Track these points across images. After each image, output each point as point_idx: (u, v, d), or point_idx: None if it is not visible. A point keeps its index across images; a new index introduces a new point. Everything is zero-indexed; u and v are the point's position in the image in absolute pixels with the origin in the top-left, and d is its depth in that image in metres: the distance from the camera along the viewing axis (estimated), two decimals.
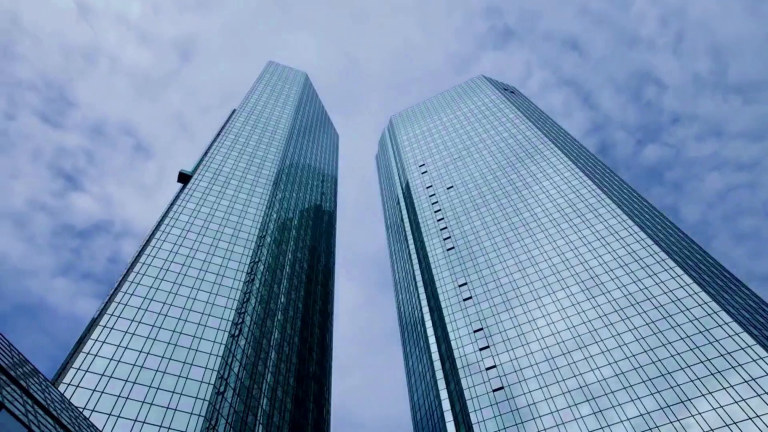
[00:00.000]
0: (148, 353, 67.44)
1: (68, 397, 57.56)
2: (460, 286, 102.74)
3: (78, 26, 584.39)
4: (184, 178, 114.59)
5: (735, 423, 60.25)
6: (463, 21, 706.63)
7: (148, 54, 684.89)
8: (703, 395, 64.70)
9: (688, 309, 76.17)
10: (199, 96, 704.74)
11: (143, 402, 60.93)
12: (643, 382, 69.82)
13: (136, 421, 58.54)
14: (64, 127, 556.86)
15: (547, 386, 75.87)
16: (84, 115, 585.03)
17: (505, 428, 73.01)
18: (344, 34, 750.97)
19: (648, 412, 66.11)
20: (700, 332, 72.20)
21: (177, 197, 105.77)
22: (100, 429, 53.43)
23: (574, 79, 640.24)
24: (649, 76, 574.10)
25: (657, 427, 63.97)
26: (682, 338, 72.68)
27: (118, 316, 71.03)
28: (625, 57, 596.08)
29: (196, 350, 70.78)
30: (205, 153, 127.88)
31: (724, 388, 64.29)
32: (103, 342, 66.49)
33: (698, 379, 66.78)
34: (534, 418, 72.43)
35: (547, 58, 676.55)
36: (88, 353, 64.16)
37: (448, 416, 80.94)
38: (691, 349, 70.68)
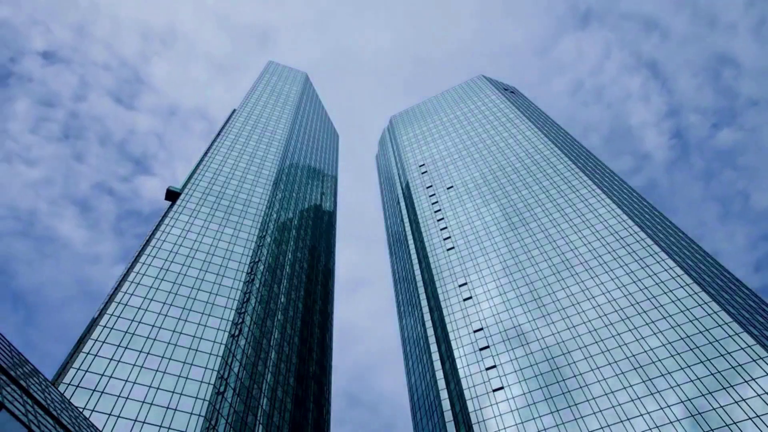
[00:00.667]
0: (148, 353, 67.44)
1: (68, 397, 57.56)
2: (460, 286, 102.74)
3: (156, 9, 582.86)
4: (172, 195, 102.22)
5: (735, 423, 60.24)
6: (544, 2, 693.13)
7: (225, 39, 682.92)
8: (702, 395, 64.71)
9: (688, 309, 76.18)
10: None
11: (143, 402, 60.93)
12: (643, 382, 69.85)
13: (136, 421, 58.53)
14: (136, 109, 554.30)
15: (547, 386, 75.86)
16: (157, 98, 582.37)
17: (505, 428, 73.00)
18: (423, 19, 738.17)
19: (648, 412, 66.15)
20: (700, 332, 72.21)
21: (177, 198, 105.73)
22: (100, 429, 53.44)
23: (653, 60, 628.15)
24: (727, 59, 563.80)
25: (657, 427, 64.00)
26: (682, 338, 72.69)
27: (118, 316, 71.03)
28: (705, 39, 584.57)
29: (196, 350, 70.78)
30: (206, 153, 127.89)
31: (724, 389, 64.29)
32: (103, 342, 66.48)
33: (698, 379, 66.79)
34: (534, 418, 72.43)
35: (626, 39, 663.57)
36: (88, 353, 64.16)
37: (448, 416, 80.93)
38: (691, 349, 70.68)
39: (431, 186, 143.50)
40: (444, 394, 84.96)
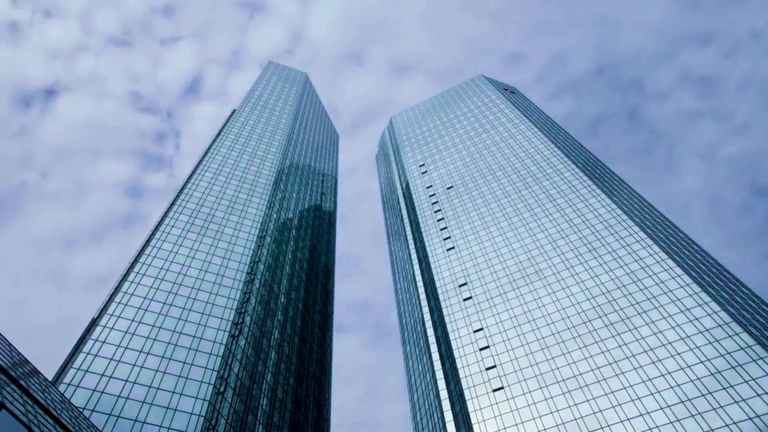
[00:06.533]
0: (148, 353, 67.45)
1: (68, 397, 57.56)
2: (460, 286, 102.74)
3: None
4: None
5: (735, 423, 60.26)
6: None
7: None
8: (703, 395, 64.72)
9: (688, 309, 76.17)
10: None
11: (143, 402, 60.94)
12: (643, 382, 69.83)
13: (136, 421, 58.54)
14: None
15: (547, 386, 75.85)
16: None
17: (505, 428, 72.99)
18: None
19: (648, 412, 66.16)
20: (700, 332, 72.20)
21: (176, 198, 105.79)
22: (100, 429, 53.44)
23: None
24: None
25: (657, 427, 64.00)
26: (682, 338, 72.69)
27: (118, 316, 71.05)
28: None
29: (196, 350, 70.79)
30: (206, 153, 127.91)
31: (725, 389, 64.30)
32: (103, 342, 66.50)
33: (698, 379, 66.78)
34: (534, 418, 72.40)
35: None
36: (88, 353, 64.18)
37: (448, 416, 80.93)
38: (691, 349, 70.68)
39: (431, 186, 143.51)
40: (444, 394, 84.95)
